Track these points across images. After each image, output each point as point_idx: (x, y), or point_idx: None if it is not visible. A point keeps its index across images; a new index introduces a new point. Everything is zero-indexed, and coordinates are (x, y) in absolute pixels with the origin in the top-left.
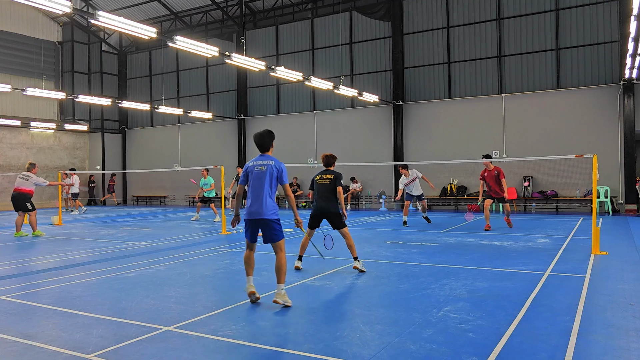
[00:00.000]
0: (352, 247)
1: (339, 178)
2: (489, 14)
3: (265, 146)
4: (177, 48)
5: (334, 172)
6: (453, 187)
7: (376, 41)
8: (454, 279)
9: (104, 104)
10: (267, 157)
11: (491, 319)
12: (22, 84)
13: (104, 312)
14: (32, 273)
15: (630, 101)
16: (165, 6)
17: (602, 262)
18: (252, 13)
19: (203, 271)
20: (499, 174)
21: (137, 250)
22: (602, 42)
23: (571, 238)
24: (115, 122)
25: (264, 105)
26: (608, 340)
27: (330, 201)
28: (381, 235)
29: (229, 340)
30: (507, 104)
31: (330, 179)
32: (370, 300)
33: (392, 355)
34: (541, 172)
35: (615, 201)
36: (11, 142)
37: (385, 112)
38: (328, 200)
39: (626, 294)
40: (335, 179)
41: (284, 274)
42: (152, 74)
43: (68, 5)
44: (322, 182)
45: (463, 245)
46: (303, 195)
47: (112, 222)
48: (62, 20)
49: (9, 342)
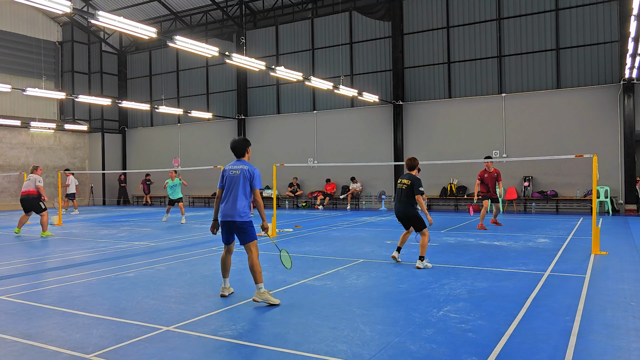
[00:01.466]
0: (423, 247)
1: (416, 185)
2: (489, 14)
3: (240, 152)
4: (177, 48)
5: (413, 177)
6: (453, 187)
7: (376, 41)
8: (454, 279)
9: (104, 104)
10: (241, 162)
11: (491, 319)
12: (22, 84)
13: (104, 312)
14: (32, 273)
15: (630, 101)
16: (165, 6)
17: (602, 262)
18: (252, 13)
19: (203, 271)
20: (498, 175)
21: (137, 250)
22: (602, 42)
23: (571, 238)
24: (115, 122)
25: (264, 105)
26: (608, 340)
27: (406, 205)
28: (381, 235)
29: (229, 340)
30: (507, 104)
31: (407, 184)
32: (370, 300)
33: (392, 355)
34: (541, 172)
35: (615, 201)
36: (11, 142)
37: (385, 112)
38: (404, 204)
39: (626, 294)
40: (413, 185)
41: (258, 273)
42: (152, 74)
43: (68, 5)
44: (400, 187)
45: (463, 245)
46: (303, 195)
47: (112, 222)
48: (62, 20)
49: (9, 342)
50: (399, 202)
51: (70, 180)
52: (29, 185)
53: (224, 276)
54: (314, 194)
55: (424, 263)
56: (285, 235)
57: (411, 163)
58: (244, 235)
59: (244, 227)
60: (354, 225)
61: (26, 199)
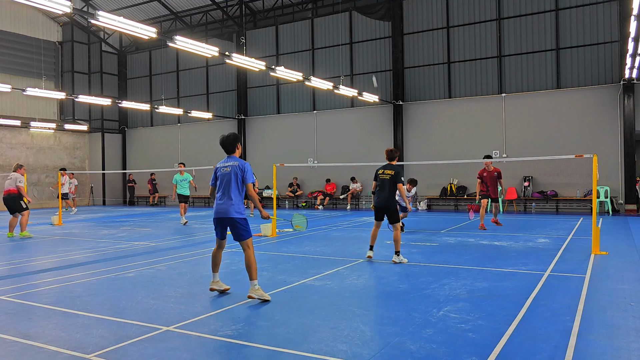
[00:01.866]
0: (397, 242)
1: (399, 175)
2: (489, 14)
3: (230, 148)
4: (177, 48)
5: (395, 167)
6: (453, 187)
7: (376, 41)
8: (454, 279)
9: (104, 104)
10: (232, 159)
11: (491, 319)
12: (22, 84)
13: (104, 312)
14: (32, 273)
15: (630, 101)
16: (165, 6)
17: (602, 262)
18: (252, 13)
19: (203, 271)
20: (499, 174)
21: (137, 250)
22: (602, 42)
23: (571, 238)
24: (115, 122)
25: (264, 105)
26: (608, 340)
27: (390, 195)
28: (381, 235)
29: (229, 340)
30: (507, 104)
31: (391, 174)
32: (370, 300)
33: (392, 355)
34: (541, 172)
35: (615, 201)
36: (11, 142)
37: (385, 112)
38: (388, 194)
39: (626, 294)
40: (396, 175)
41: (254, 270)
42: (152, 74)
43: (68, 5)
44: (383, 177)
45: (463, 245)
46: (303, 195)
47: (112, 222)
48: (62, 20)
49: (9, 342)
50: (382, 191)
51: (66, 180)
52: (10, 185)
53: (214, 270)
54: (314, 194)
55: (400, 258)
56: (285, 235)
57: (392, 154)
58: (239, 232)
59: (239, 223)
60: (354, 225)
61: (7, 198)
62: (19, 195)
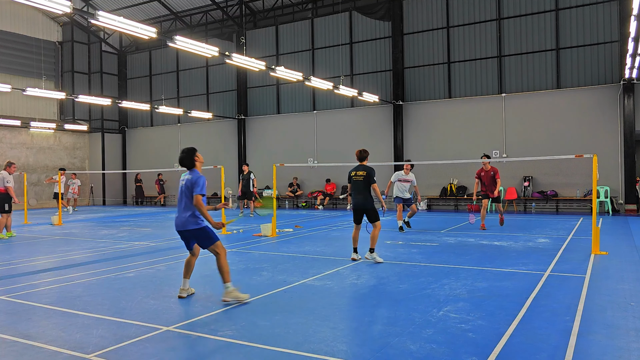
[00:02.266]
0: (374, 239)
1: (372, 175)
2: (489, 14)
3: (187, 162)
4: (177, 48)
5: (367, 168)
6: (453, 187)
7: (376, 41)
8: (454, 279)
9: (104, 104)
10: (188, 173)
11: (491, 319)
12: (22, 84)
13: (104, 312)
14: (32, 273)
15: (630, 101)
16: (165, 6)
17: (602, 262)
18: (252, 13)
19: (203, 271)
20: (495, 174)
21: (137, 250)
22: (602, 42)
23: (571, 238)
24: (115, 122)
25: (264, 105)
26: (608, 340)
27: (366, 196)
28: (381, 235)
29: (229, 340)
30: (507, 104)
31: (363, 175)
32: (370, 300)
33: (392, 355)
34: (541, 172)
35: (615, 201)
36: (11, 142)
37: (385, 112)
38: (363, 196)
39: (626, 294)
40: (369, 175)
41: (226, 273)
42: (152, 74)
43: (68, 5)
44: (357, 179)
45: (463, 245)
46: (303, 195)
47: (112, 222)
48: (62, 20)
49: (9, 342)
50: (358, 194)
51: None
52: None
53: (185, 276)
54: (314, 194)
55: (373, 256)
56: (286, 235)
57: (362, 154)
58: (202, 241)
59: (197, 233)
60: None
61: None
62: (7, 195)
